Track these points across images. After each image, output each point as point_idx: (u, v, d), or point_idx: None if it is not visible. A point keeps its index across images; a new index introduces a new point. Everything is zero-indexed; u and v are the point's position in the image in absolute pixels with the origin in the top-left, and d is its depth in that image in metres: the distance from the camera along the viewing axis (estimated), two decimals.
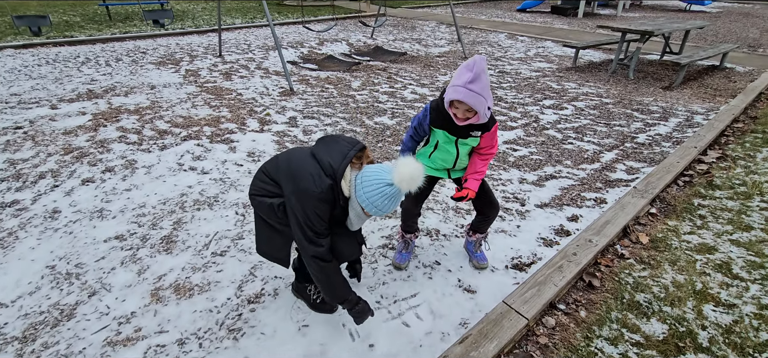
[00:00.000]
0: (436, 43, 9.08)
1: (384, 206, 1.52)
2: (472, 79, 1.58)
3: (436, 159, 2.01)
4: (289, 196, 1.53)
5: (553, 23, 12.01)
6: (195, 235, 2.52)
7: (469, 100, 1.60)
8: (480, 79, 1.59)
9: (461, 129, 1.81)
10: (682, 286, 2.11)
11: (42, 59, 7.00)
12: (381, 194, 1.49)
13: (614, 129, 4.23)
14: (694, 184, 3.17)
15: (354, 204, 1.57)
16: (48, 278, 2.17)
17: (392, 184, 1.49)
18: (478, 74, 1.58)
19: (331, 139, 1.64)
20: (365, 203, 1.52)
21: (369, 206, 1.52)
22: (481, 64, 1.59)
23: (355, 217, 1.62)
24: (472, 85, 1.58)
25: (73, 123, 4.23)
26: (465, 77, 1.59)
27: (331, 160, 1.53)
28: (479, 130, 1.82)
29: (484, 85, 1.61)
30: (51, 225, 2.61)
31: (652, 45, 8.23)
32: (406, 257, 2.28)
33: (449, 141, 1.90)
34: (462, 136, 1.85)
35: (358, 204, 1.55)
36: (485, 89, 1.61)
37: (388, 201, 1.51)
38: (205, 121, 4.32)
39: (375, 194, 1.49)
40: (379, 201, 1.50)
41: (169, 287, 2.12)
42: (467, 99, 1.60)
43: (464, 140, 1.87)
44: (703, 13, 14.24)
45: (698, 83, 5.94)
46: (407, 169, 1.47)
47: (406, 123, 4.33)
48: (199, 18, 11.88)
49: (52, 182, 3.11)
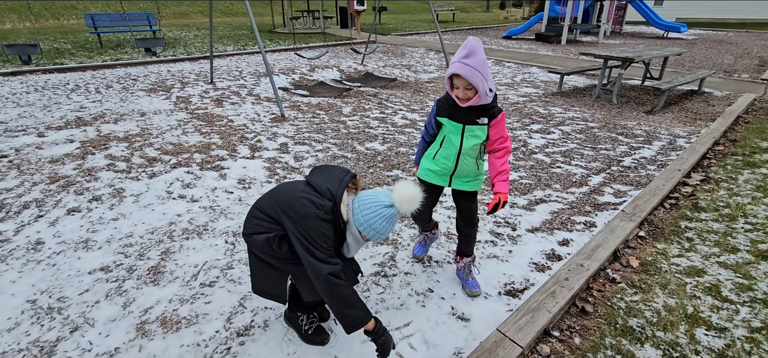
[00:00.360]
0: (426, 69, 9.27)
1: (382, 228, 1.55)
2: (466, 55, 1.63)
3: (439, 159, 2.01)
4: (292, 227, 1.50)
5: (537, 50, 12.38)
6: (183, 265, 2.47)
7: (465, 73, 1.64)
8: (475, 55, 1.63)
9: (466, 115, 1.83)
10: (673, 310, 2.12)
11: (30, 87, 6.95)
12: (380, 216, 1.53)
13: (601, 153, 4.32)
14: (681, 206, 3.23)
15: (352, 228, 1.59)
16: (28, 313, 2.09)
17: (391, 205, 1.54)
18: (472, 51, 1.63)
19: (326, 168, 1.67)
20: (363, 226, 1.54)
21: (367, 229, 1.55)
22: (474, 43, 1.65)
23: (353, 241, 1.63)
24: (467, 59, 1.63)
25: (60, 151, 4.18)
26: (460, 54, 1.65)
27: (328, 185, 1.55)
28: (486, 117, 1.82)
29: (480, 61, 1.64)
30: (33, 257, 2.53)
31: (633, 71, 8.51)
32: (423, 248, 2.51)
33: (455, 131, 1.89)
34: (468, 122, 1.84)
35: (356, 228, 1.57)
36: (482, 66, 1.64)
37: (386, 223, 1.55)
38: (196, 148, 4.30)
39: (374, 216, 1.53)
40: (377, 223, 1.53)
41: (155, 320, 2.06)
42: (463, 72, 1.64)
43: (471, 128, 1.85)
44: (680, 40, 14.83)
45: (679, 107, 6.13)
46: (407, 191, 1.52)
47: (397, 148, 4.37)
48: (191, 45, 11.98)
49: (36, 212, 3.04)
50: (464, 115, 1.84)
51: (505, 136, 1.90)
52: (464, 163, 1.97)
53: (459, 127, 1.87)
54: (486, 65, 1.67)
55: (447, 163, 2.00)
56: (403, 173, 3.78)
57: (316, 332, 1.91)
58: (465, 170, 1.99)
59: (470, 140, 1.89)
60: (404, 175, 3.73)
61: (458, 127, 1.87)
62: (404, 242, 2.72)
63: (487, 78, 1.68)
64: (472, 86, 1.68)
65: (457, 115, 1.85)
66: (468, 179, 2.03)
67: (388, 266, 2.48)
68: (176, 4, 25.54)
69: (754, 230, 2.84)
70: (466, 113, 1.83)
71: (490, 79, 1.70)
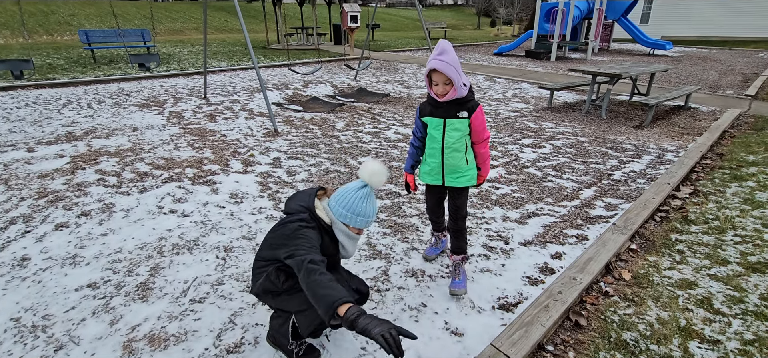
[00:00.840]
0: (418, 84, 9.37)
1: (363, 209, 1.67)
2: (440, 53, 1.85)
3: (426, 158, 2.21)
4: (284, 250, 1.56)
5: (527, 66, 12.61)
6: (173, 281, 2.43)
7: (441, 68, 1.84)
8: (448, 54, 1.85)
9: (446, 110, 2.01)
10: (666, 323, 2.13)
11: (21, 102, 6.90)
12: (356, 198, 1.66)
13: (591, 166, 4.37)
14: (671, 219, 3.26)
15: (338, 226, 1.69)
16: (11, 332, 2.04)
17: (363, 185, 1.69)
18: (444, 50, 1.86)
19: (295, 193, 1.81)
20: (346, 216, 1.66)
21: (350, 217, 1.66)
22: (446, 43, 1.88)
23: (345, 238, 1.72)
24: (442, 56, 1.85)
25: (49, 166, 4.13)
26: (435, 53, 1.87)
27: (299, 203, 1.71)
28: (465, 111, 2.00)
29: (453, 59, 1.85)
30: (19, 274, 2.48)
31: (621, 86, 8.69)
32: (433, 251, 2.66)
33: (437, 126, 2.07)
34: (448, 116, 2.03)
35: (341, 223, 1.69)
36: (455, 63, 1.86)
37: (364, 202, 1.67)
38: (188, 163, 4.27)
39: (352, 201, 1.65)
40: (356, 206, 1.65)
41: (143, 337, 2.01)
42: (439, 67, 1.85)
43: (451, 121, 2.03)
44: (666, 58, 15.21)
45: (666, 122, 6.25)
46: (372, 165, 1.68)
47: (390, 162, 4.38)
48: (185, 61, 12.01)
49: (23, 228, 2.98)
50: (444, 110, 2.02)
51: (484, 125, 2.09)
52: (450, 158, 2.11)
53: (440, 122, 2.05)
54: (458, 63, 1.89)
55: (433, 161, 2.16)
56: (396, 187, 3.78)
57: (307, 353, 1.87)
58: (452, 165, 2.13)
59: (452, 134, 2.06)
60: (397, 189, 3.73)
61: (439, 121, 2.05)
62: (397, 256, 2.71)
63: (461, 73, 1.90)
64: (450, 81, 1.89)
65: (438, 111, 2.04)
66: (458, 174, 2.16)
67: (380, 281, 2.46)
68: (171, 20, 25.69)
69: (744, 243, 2.87)
70: (445, 108, 2.01)
71: (462, 74, 1.92)
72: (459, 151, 2.10)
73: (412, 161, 2.35)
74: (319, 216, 1.69)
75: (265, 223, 3.10)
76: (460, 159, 2.12)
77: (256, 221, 3.12)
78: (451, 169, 2.14)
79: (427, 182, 2.28)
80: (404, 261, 2.65)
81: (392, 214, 3.27)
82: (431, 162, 2.18)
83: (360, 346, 1.98)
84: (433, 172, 2.20)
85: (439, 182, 2.20)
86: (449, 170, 2.15)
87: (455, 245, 2.36)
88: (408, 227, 3.08)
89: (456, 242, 2.35)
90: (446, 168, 2.15)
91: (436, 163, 2.15)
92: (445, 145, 2.08)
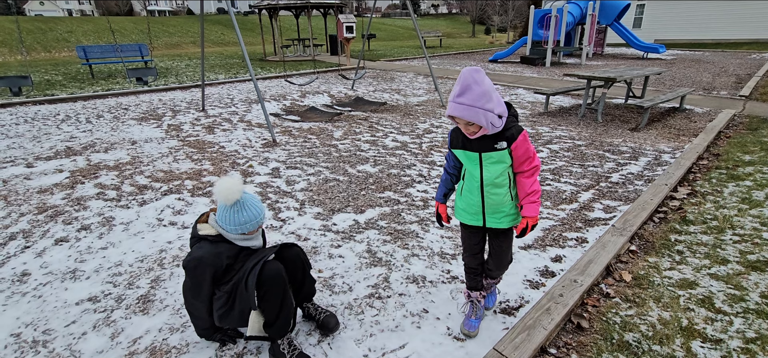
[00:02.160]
0: (415, 92, 9.43)
1: (236, 219, 1.79)
2: (459, 93, 1.55)
3: (465, 195, 1.87)
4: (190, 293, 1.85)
5: (523, 72, 12.71)
6: (173, 293, 2.42)
7: (460, 114, 1.56)
8: (470, 91, 1.52)
9: (481, 143, 1.69)
10: (668, 323, 2.13)
11: (20, 118, 6.91)
12: (233, 214, 1.79)
13: (589, 169, 4.39)
14: (669, 220, 3.28)
15: (231, 236, 1.85)
16: (12, 348, 2.02)
17: (224, 204, 1.80)
18: (466, 86, 1.53)
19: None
20: (235, 227, 1.80)
21: (232, 227, 1.80)
22: (468, 75, 1.53)
23: (245, 241, 1.88)
24: (460, 98, 1.54)
25: (49, 181, 4.13)
26: (454, 92, 1.57)
27: (190, 238, 1.91)
28: (504, 141, 1.66)
29: (477, 95, 1.52)
30: (19, 289, 2.47)
31: (616, 90, 8.76)
32: (475, 324, 2.08)
33: (472, 161, 1.75)
34: (484, 149, 1.69)
35: (235, 234, 1.84)
36: (479, 99, 1.52)
37: (243, 212, 1.79)
38: (187, 175, 4.28)
39: (230, 217, 1.79)
40: (237, 218, 1.79)
41: (144, 350, 2.00)
42: (457, 113, 1.56)
43: (489, 154, 1.69)
44: (660, 61, 15.36)
45: (662, 124, 6.30)
46: (219, 185, 1.77)
47: (388, 170, 4.40)
48: (182, 74, 12.07)
49: (22, 243, 2.97)
50: (478, 143, 1.69)
51: (530, 155, 1.70)
52: (492, 196, 1.78)
53: (475, 157, 1.73)
54: (486, 95, 1.53)
55: (472, 198, 1.83)
56: (396, 194, 3.79)
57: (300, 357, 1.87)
58: (495, 204, 1.79)
59: (492, 168, 1.73)
60: (396, 196, 3.74)
61: (474, 156, 1.73)
62: (397, 263, 2.71)
63: (489, 108, 1.54)
64: (473, 123, 1.58)
65: (471, 144, 1.70)
66: (501, 213, 1.82)
67: (382, 288, 2.46)
68: (168, 35, 25.85)
69: (743, 241, 2.89)
70: (479, 141, 1.68)
71: (497, 106, 1.56)
72: (501, 187, 1.76)
73: (444, 189, 2.01)
74: (205, 234, 1.84)
75: (266, 233, 3.10)
76: (503, 196, 1.77)
77: None
78: (492, 208, 1.81)
79: (464, 221, 1.92)
80: (405, 268, 2.66)
81: (392, 221, 3.28)
82: (470, 199, 1.84)
83: (363, 353, 1.97)
84: (472, 211, 1.86)
85: (480, 223, 1.87)
86: (491, 210, 1.81)
87: (490, 284, 2.14)
88: (408, 233, 3.09)
89: (492, 283, 2.14)
90: (487, 207, 1.81)
91: (476, 201, 1.82)
92: (484, 182, 1.76)
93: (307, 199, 3.71)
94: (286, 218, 3.33)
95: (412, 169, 4.45)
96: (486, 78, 1.57)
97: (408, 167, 4.50)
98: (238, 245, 1.87)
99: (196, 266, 1.76)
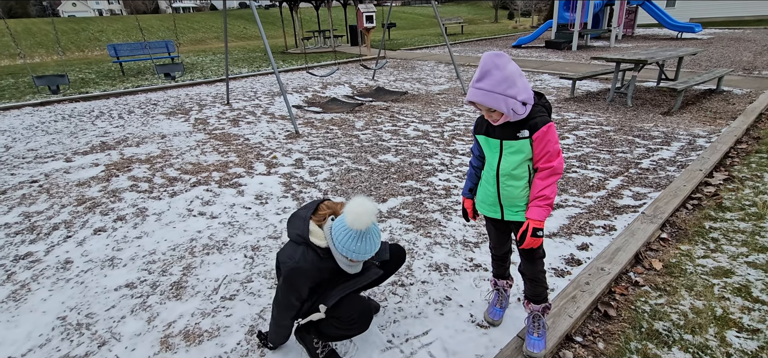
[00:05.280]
0: (436, 81, 9.33)
1: (359, 248, 1.60)
2: (479, 77, 1.49)
3: (482, 185, 1.81)
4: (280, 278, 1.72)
5: (548, 57, 12.34)
6: (204, 279, 2.52)
7: (479, 99, 1.49)
8: (490, 76, 1.46)
9: (503, 131, 1.61)
10: (701, 312, 2.06)
11: (58, 115, 7.27)
12: (351, 238, 1.59)
13: (617, 156, 4.25)
14: (704, 207, 3.15)
15: (336, 254, 1.67)
16: (58, 330, 2.17)
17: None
18: (486, 71, 1.47)
19: (292, 216, 1.78)
20: (344, 250, 1.62)
21: (348, 252, 1.61)
22: (488, 59, 1.47)
23: (345, 263, 1.70)
24: (480, 82, 1.48)
25: (86, 175, 4.35)
26: (474, 77, 1.52)
27: (296, 230, 1.71)
28: (526, 130, 1.56)
29: (498, 80, 1.45)
30: (63, 275, 2.63)
31: (647, 73, 8.39)
32: (499, 312, 2.07)
33: (492, 149, 1.68)
34: (506, 137, 1.61)
35: (340, 254, 1.65)
36: (499, 85, 1.45)
37: (360, 243, 1.59)
38: (214, 167, 4.41)
39: (347, 240, 1.60)
40: (353, 245, 1.59)
41: (178, 333, 2.10)
42: (476, 98, 1.50)
43: (510, 143, 1.61)
44: (695, 41, 14.57)
45: (697, 107, 6.00)
46: (353, 207, 1.57)
47: (410, 160, 4.39)
48: (207, 69, 12.37)
49: (65, 233, 3.16)
50: (501, 130, 1.61)
51: (551, 152, 1.57)
52: (507, 187, 1.68)
53: (496, 144, 1.65)
54: (507, 80, 1.45)
55: (489, 188, 1.75)
56: (417, 183, 3.79)
57: (329, 355, 1.89)
58: (511, 196, 1.69)
59: (510, 158, 1.63)
60: (418, 185, 3.74)
61: (495, 143, 1.65)
62: (420, 251, 2.72)
63: (512, 95, 1.46)
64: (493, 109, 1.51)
65: (495, 130, 1.63)
66: (518, 208, 1.71)
67: (404, 275, 2.48)
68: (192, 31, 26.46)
69: None
70: (502, 128, 1.60)
71: (519, 92, 1.48)
72: (519, 180, 1.65)
73: (470, 184, 1.91)
74: (315, 243, 1.66)
75: None
76: (520, 189, 1.66)
77: (280, 221, 3.20)
78: (509, 200, 1.71)
79: (483, 212, 1.86)
80: (427, 255, 2.67)
81: (414, 210, 3.29)
82: (487, 189, 1.77)
83: (386, 339, 2.01)
84: (489, 202, 1.79)
85: (498, 216, 1.79)
86: (507, 202, 1.72)
87: (530, 290, 1.87)
88: (430, 222, 3.09)
89: (532, 286, 1.86)
90: (503, 199, 1.72)
91: (492, 192, 1.74)
92: (500, 171, 1.67)
93: (330, 188, 3.76)
94: None
95: (433, 158, 4.43)
96: (510, 63, 1.49)
97: (430, 156, 4.48)
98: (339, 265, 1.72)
99: (298, 276, 1.64)
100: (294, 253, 1.67)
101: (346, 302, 1.74)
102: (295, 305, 1.71)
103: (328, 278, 1.73)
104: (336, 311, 1.73)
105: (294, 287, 1.67)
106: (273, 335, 1.89)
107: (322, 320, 1.77)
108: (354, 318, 1.75)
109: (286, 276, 1.65)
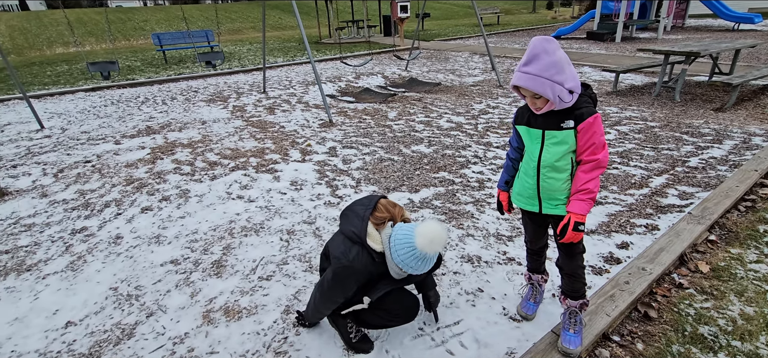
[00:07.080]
0: (470, 72, 9.16)
1: (418, 267, 1.58)
2: (526, 61, 1.45)
3: (521, 177, 1.75)
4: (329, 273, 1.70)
5: (589, 49, 11.82)
6: (243, 260, 2.63)
7: (525, 84, 1.46)
8: (538, 60, 1.43)
9: (546, 120, 1.56)
10: (752, 319, 1.95)
11: (108, 100, 7.73)
12: (413, 257, 1.56)
13: (662, 153, 4.04)
14: (758, 209, 2.95)
15: (390, 263, 1.65)
16: (111, 299, 2.33)
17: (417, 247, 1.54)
18: (534, 55, 1.43)
19: (348, 210, 1.76)
20: (402, 264, 1.59)
21: (405, 267, 1.59)
22: (538, 43, 1.44)
23: (395, 273, 1.68)
24: (527, 67, 1.45)
25: (133, 157, 4.61)
26: (522, 61, 1.48)
27: (353, 228, 1.67)
28: (571, 120, 1.51)
29: (546, 65, 1.41)
30: (114, 250, 2.82)
31: (698, 66, 7.87)
32: (532, 307, 2.05)
33: (534, 139, 1.63)
34: (549, 127, 1.56)
35: (395, 264, 1.62)
36: (547, 70, 1.41)
37: (421, 263, 1.57)
38: (251, 153, 4.56)
39: (407, 257, 1.56)
40: (412, 263, 1.57)
41: (219, 309, 2.21)
42: (522, 82, 1.46)
43: (553, 133, 1.56)
44: (754, 32, 13.49)
45: (754, 104, 5.58)
46: (427, 232, 1.52)
47: (443, 151, 4.36)
48: (244, 58, 12.72)
49: (115, 210, 3.37)
50: (543, 120, 1.57)
51: (596, 144, 1.52)
52: (548, 180, 1.62)
53: (538, 134, 1.60)
54: (556, 66, 1.41)
55: (528, 180, 1.69)
56: (450, 175, 3.76)
57: (362, 340, 1.92)
58: (551, 189, 1.63)
59: (552, 149, 1.58)
60: (451, 177, 3.71)
61: (537, 133, 1.61)
62: (452, 242, 2.72)
63: (560, 81, 1.42)
64: (540, 95, 1.47)
65: (536, 120, 1.59)
66: (558, 201, 1.65)
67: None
68: (230, 21, 27.21)
69: None
70: (545, 117, 1.56)
71: (567, 79, 1.43)
72: (561, 172, 1.59)
73: (507, 176, 1.87)
74: (371, 246, 1.62)
75: (324, 209, 3.24)
76: (562, 182, 1.60)
77: (315, 207, 3.28)
78: (548, 193, 1.65)
79: (520, 205, 1.81)
80: (460, 247, 2.66)
81: (446, 201, 3.27)
82: (525, 181, 1.71)
83: (418, 326, 2.03)
84: (527, 195, 1.73)
85: (536, 209, 1.73)
86: (546, 195, 1.66)
87: (568, 285, 1.81)
88: (463, 213, 3.07)
89: (570, 282, 1.80)
90: (542, 192, 1.66)
91: (531, 184, 1.68)
92: (541, 163, 1.61)
93: (363, 177, 3.80)
94: (343, 196, 3.45)
95: (467, 150, 4.38)
96: (559, 49, 1.45)
97: (463, 148, 4.43)
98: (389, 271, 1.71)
99: (348, 275, 1.64)
100: (348, 251, 1.63)
101: (394, 296, 1.77)
102: (339, 300, 1.73)
103: (375, 279, 1.73)
104: (382, 303, 1.75)
105: (342, 285, 1.66)
106: (310, 316, 1.94)
107: (365, 309, 1.78)
108: (399, 312, 1.79)
109: (337, 272, 1.64)
